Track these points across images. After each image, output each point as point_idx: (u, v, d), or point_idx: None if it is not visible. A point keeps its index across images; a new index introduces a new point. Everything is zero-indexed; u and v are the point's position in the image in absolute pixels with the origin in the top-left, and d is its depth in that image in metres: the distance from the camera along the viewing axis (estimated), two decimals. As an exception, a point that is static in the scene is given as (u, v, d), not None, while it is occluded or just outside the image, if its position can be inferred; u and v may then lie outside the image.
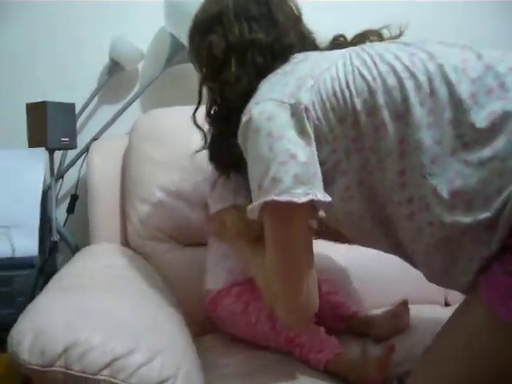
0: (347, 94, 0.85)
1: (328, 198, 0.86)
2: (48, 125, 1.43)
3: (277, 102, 0.88)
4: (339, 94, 0.86)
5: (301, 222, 0.89)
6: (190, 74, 1.74)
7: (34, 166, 1.41)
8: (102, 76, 1.73)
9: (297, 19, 1.05)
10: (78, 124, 1.59)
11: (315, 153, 0.87)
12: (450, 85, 0.80)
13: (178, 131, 1.46)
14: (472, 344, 0.78)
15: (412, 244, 0.86)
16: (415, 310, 1.24)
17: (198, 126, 1.14)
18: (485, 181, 0.76)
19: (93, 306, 0.96)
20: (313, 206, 0.87)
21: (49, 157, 1.49)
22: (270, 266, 0.92)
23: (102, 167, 1.53)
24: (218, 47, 1.00)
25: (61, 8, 1.69)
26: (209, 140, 1.13)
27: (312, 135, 0.86)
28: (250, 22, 0.98)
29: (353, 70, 0.86)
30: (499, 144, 0.75)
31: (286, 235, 0.89)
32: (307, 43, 1.04)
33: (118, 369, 0.81)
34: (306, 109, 0.86)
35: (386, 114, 0.83)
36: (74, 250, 1.63)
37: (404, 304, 1.22)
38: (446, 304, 1.48)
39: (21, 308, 1.04)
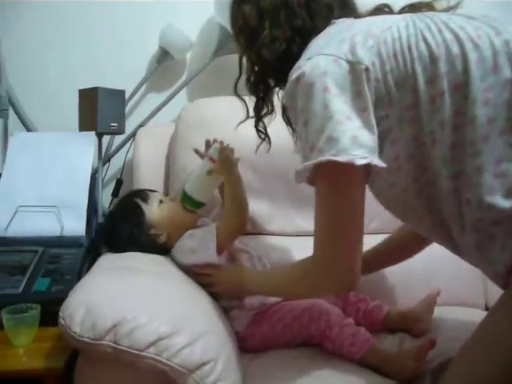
0: (408, 57, 0.81)
1: (383, 165, 0.82)
2: (98, 110, 1.48)
3: (333, 58, 0.83)
4: (400, 57, 0.82)
5: (356, 186, 0.86)
6: (237, 64, 1.77)
7: (84, 150, 1.45)
8: (151, 64, 1.76)
9: None
10: (126, 110, 1.63)
11: (372, 117, 0.83)
12: None
13: (224, 120, 1.47)
14: (504, 345, 0.76)
15: (455, 222, 0.83)
16: (453, 311, 1.24)
17: (239, 96, 1.13)
18: None
19: (139, 286, 0.99)
20: (367, 171, 0.85)
21: (97, 141, 1.54)
22: (320, 229, 0.90)
23: (147, 153, 1.57)
24: (250, 14, 0.99)
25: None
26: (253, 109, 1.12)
27: (369, 98, 0.82)
28: None
29: (416, 33, 0.83)
30: None
31: (340, 199, 0.86)
32: (348, 8, 1.00)
33: (163, 348, 0.84)
34: (367, 69, 0.82)
35: (445, 84, 0.79)
36: (118, 232, 1.68)
37: (434, 296, 1.21)
38: (487, 309, 1.46)
39: (69, 285, 1.09)
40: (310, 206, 1.43)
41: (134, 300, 0.92)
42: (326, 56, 0.84)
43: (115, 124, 1.53)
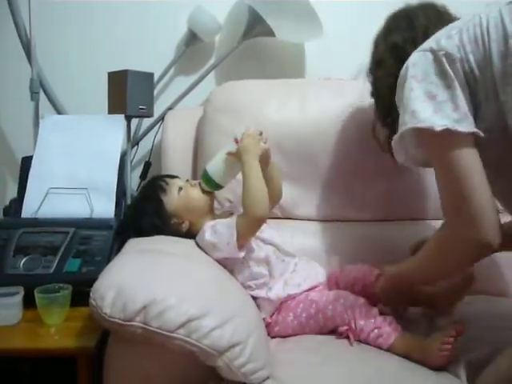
0: (486, 39, 0.91)
1: (472, 129, 0.91)
2: (128, 93, 1.48)
3: (422, 52, 0.97)
4: (479, 40, 0.92)
5: (461, 151, 0.92)
6: (265, 47, 1.76)
7: (113, 132, 1.46)
8: (180, 47, 1.76)
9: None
10: (154, 94, 1.63)
11: (457, 93, 0.92)
12: None
13: (252, 104, 1.48)
14: None
15: None
16: (479, 300, 1.23)
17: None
18: None
19: (169, 268, 1.00)
20: (473, 138, 0.92)
21: (126, 124, 1.54)
22: (443, 199, 0.96)
23: (175, 136, 1.56)
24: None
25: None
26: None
27: (454, 78, 0.92)
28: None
29: (495, 16, 0.92)
30: None
31: (449, 165, 0.93)
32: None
33: (193, 329, 0.85)
34: (447, 54, 0.93)
35: None
36: (146, 215, 1.69)
37: (470, 277, 1.18)
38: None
39: (99, 266, 1.11)
40: (338, 191, 1.44)
41: (164, 282, 0.93)
42: (418, 52, 0.98)
43: (144, 107, 1.53)
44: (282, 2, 1.62)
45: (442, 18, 1.11)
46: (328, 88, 1.51)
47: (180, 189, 1.26)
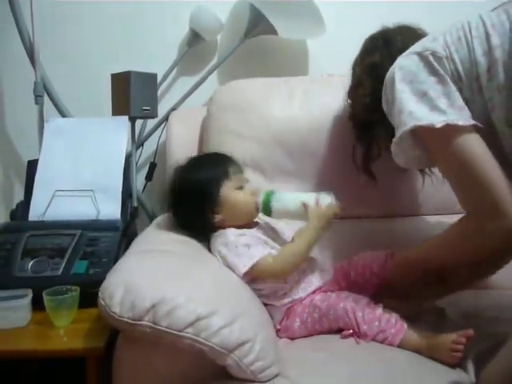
0: (469, 38, 0.96)
1: (470, 122, 0.93)
2: (131, 94, 1.48)
3: (404, 56, 1.02)
4: (463, 39, 0.97)
5: (468, 143, 0.94)
6: (268, 45, 1.76)
7: (117, 134, 1.46)
8: (182, 47, 1.76)
9: None
10: (158, 94, 1.63)
11: (450, 89, 0.96)
12: None
13: (256, 102, 1.47)
14: None
15: None
16: (487, 294, 1.22)
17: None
18: None
19: (176, 268, 1.00)
20: (474, 129, 0.94)
21: (130, 125, 1.54)
22: (456, 191, 0.98)
23: (180, 137, 1.57)
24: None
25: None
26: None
27: (445, 74, 0.96)
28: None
29: (477, 21, 0.97)
30: None
31: (454, 157, 0.95)
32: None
33: (201, 328, 0.85)
34: (434, 52, 0.97)
35: (498, 54, 0.92)
36: (151, 215, 1.69)
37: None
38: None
39: (106, 268, 1.11)
40: (341, 187, 1.44)
41: (172, 281, 0.93)
42: (400, 57, 1.02)
43: (148, 108, 1.53)
44: (284, -1, 1.62)
45: (419, 36, 1.11)
46: (331, 85, 1.50)
47: (240, 188, 1.21)
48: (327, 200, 1.16)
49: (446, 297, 1.16)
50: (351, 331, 1.06)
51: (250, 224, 1.22)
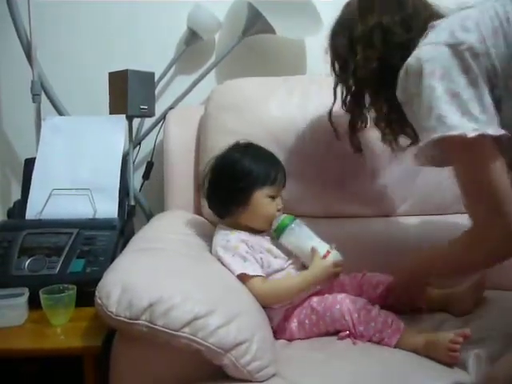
0: (507, 30, 0.88)
1: (500, 132, 0.88)
2: (128, 92, 1.48)
3: (434, 45, 0.92)
4: (500, 32, 0.89)
5: (487, 157, 0.90)
6: (266, 44, 1.75)
7: (115, 133, 1.46)
8: (179, 46, 1.75)
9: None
10: (155, 93, 1.62)
11: (482, 91, 0.89)
12: None
13: (254, 102, 1.47)
14: None
15: None
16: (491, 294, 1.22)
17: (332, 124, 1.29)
18: None
19: (173, 267, 1.00)
20: (496, 139, 0.88)
21: (128, 124, 1.54)
22: (466, 200, 0.95)
23: (177, 136, 1.56)
24: (343, 43, 1.12)
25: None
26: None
27: (478, 74, 0.89)
28: (372, 12, 1.06)
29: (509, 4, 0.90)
30: None
31: (473, 170, 0.92)
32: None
33: (198, 328, 0.85)
34: (470, 48, 0.89)
35: None
36: (149, 214, 1.69)
37: (482, 278, 1.18)
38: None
39: (103, 266, 1.11)
40: (340, 187, 1.44)
41: (169, 280, 0.93)
42: (428, 45, 0.93)
43: (145, 107, 1.53)
44: (282, -2, 1.62)
45: (428, 6, 1.06)
46: (329, 84, 1.50)
47: (271, 198, 1.19)
48: (337, 258, 1.15)
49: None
50: (348, 332, 1.06)
51: (260, 230, 1.22)
